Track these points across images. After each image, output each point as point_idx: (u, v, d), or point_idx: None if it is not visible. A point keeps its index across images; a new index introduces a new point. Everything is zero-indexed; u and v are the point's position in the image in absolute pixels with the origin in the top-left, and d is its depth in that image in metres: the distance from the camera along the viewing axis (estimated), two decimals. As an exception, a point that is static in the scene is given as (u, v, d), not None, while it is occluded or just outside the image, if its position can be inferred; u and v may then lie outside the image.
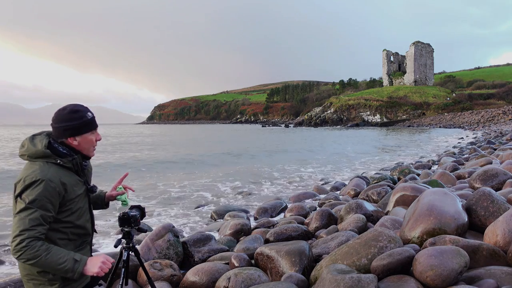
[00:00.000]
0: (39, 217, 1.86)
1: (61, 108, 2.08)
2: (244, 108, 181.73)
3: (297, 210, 6.79)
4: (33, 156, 1.97)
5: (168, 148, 28.96)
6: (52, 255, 1.86)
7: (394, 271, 2.78)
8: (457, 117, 68.15)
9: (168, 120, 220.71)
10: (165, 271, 3.74)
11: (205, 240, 4.61)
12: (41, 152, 1.97)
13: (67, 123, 2.03)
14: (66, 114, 2.04)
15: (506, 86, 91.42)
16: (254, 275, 3.38)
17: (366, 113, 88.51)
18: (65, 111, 2.05)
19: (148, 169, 15.92)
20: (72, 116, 2.04)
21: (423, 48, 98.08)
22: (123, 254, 2.49)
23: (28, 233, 1.82)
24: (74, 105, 2.11)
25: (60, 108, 2.08)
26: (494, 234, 3.05)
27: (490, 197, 3.57)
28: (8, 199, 8.86)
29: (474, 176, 5.90)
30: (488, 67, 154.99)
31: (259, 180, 12.68)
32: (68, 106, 2.08)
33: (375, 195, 6.92)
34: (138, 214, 2.46)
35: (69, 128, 2.03)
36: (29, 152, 1.97)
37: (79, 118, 2.06)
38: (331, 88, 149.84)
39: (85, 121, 2.07)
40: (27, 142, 2.02)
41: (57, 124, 2.03)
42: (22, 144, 2.04)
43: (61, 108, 2.08)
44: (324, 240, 4.22)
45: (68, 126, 2.03)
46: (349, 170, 15.28)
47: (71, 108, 2.06)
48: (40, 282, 1.99)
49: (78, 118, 2.05)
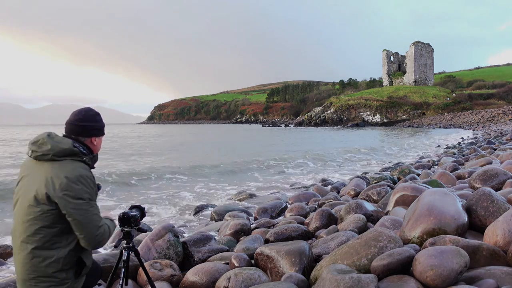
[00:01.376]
0: (96, 206, 2.10)
1: (85, 109, 2.23)
2: (244, 108, 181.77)
3: (297, 210, 6.79)
4: (60, 154, 2.02)
5: (205, 153, 24.21)
6: (110, 227, 2.18)
7: (394, 271, 2.78)
8: (457, 117, 68.15)
9: (168, 120, 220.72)
10: (165, 271, 3.74)
11: (205, 240, 4.61)
12: (70, 150, 2.04)
13: (95, 123, 2.21)
14: (93, 115, 2.22)
15: (506, 86, 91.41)
16: (254, 275, 3.38)
17: (366, 113, 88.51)
18: (91, 112, 2.23)
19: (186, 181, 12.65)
20: (98, 118, 2.25)
21: (423, 48, 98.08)
22: (123, 254, 2.49)
23: (102, 221, 2.08)
24: (92, 108, 2.29)
25: (82, 109, 2.22)
26: (494, 234, 3.05)
27: (490, 197, 3.57)
28: (6, 203, 8.85)
29: (474, 176, 5.90)
30: (488, 67, 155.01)
31: (259, 180, 12.68)
32: (90, 109, 2.25)
33: (375, 195, 6.92)
34: (138, 214, 2.47)
35: (96, 128, 2.21)
36: (55, 151, 2.01)
37: (101, 121, 2.27)
38: (331, 88, 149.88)
39: (104, 124, 2.30)
40: (48, 140, 2.04)
41: (84, 123, 2.16)
42: (40, 143, 2.05)
43: (84, 109, 2.23)
44: (324, 240, 4.22)
45: (96, 126, 2.21)
46: (349, 170, 15.29)
47: (94, 110, 2.26)
48: (51, 283, 1.99)
49: (101, 120, 2.27)
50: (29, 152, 2.08)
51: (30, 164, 2.11)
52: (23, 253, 1.97)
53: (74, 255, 2.06)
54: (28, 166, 2.11)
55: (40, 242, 1.96)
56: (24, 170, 2.13)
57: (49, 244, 1.98)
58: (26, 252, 1.96)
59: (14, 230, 2.06)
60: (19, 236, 2.01)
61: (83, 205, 1.98)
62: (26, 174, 2.10)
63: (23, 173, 2.13)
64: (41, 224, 1.96)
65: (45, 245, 1.98)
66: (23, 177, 2.11)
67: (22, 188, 2.07)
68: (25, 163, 2.17)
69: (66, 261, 2.02)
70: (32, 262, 1.96)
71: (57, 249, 1.99)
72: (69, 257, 2.04)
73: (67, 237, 2.02)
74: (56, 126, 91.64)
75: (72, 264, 2.07)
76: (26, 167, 2.12)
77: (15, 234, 2.05)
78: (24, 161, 2.19)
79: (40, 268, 1.97)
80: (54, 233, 1.98)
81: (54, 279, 1.99)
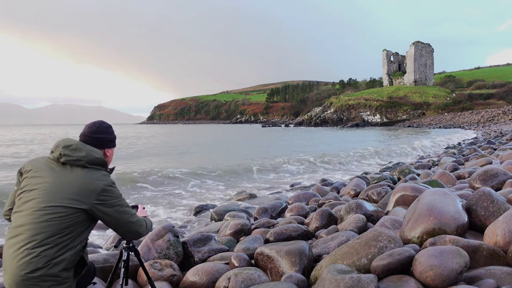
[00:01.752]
0: (129, 206, 2.28)
1: (98, 122, 2.36)
2: (244, 108, 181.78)
3: (297, 210, 6.79)
4: (92, 162, 2.15)
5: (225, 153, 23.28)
6: (146, 220, 2.38)
7: (394, 271, 2.78)
8: (457, 117, 68.15)
9: (168, 120, 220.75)
10: (165, 271, 3.74)
11: (205, 240, 4.61)
12: (101, 160, 2.20)
13: (108, 135, 2.34)
14: (106, 127, 2.36)
15: (506, 86, 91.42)
16: (254, 275, 3.38)
17: (366, 113, 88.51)
18: (105, 124, 2.37)
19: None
20: (111, 130, 2.39)
21: (423, 48, 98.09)
22: (123, 254, 2.50)
23: (136, 217, 2.27)
24: (105, 121, 2.42)
25: (95, 121, 2.37)
26: (494, 234, 3.05)
27: (490, 197, 3.57)
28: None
29: (474, 176, 5.90)
30: (488, 67, 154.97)
31: (259, 180, 12.68)
32: (103, 122, 2.40)
33: (375, 195, 6.92)
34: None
35: (109, 140, 2.35)
36: (88, 158, 2.14)
37: (114, 133, 2.42)
38: (331, 88, 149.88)
39: (116, 136, 2.44)
40: (83, 147, 2.17)
41: (98, 135, 2.29)
42: (73, 148, 2.15)
43: (98, 122, 2.37)
44: (324, 240, 4.22)
45: (109, 138, 2.35)
46: (349, 170, 15.29)
47: (107, 123, 2.39)
48: (53, 282, 1.99)
49: (113, 133, 2.41)
50: (58, 155, 2.13)
51: (50, 166, 2.13)
52: (29, 251, 1.94)
53: (78, 255, 2.10)
54: (48, 167, 2.13)
55: (55, 243, 1.99)
56: (37, 169, 2.13)
57: (64, 245, 2.01)
58: (35, 251, 1.94)
59: (18, 226, 2.04)
60: (28, 233, 1.98)
61: (121, 207, 2.17)
62: (43, 174, 2.11)
63: (36, 173, 2.12)
64: (64, 225, 2.01)
65: (60, 245, 2.00)
66: (36, 176, 2.11)
67: (41, 187, 2.07)
68: (37, 161, 2.18)
69: (71, 260, 2.05)
70: (38, 260, 1.94)
71: (70, 250, 2.03)
72: (74, 256, 2.07)
73: (80, 239, 2.09)
74: (56, 126, 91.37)
75: (75, 263, 2.09)
76: (41, 167, 2.14)
77: (17, 231, 2.02)
78: (33, 160, 2.20)
79: (45, 267, 1.96)
80: (73, 234, 2.04)
81: (57, 278, 1.99)
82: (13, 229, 2.06)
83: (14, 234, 2.04)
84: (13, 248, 2.00)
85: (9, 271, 1.98)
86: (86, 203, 2.06)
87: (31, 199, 2.07)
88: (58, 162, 2.14)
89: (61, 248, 2.01)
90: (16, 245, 2.00)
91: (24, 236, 1.99)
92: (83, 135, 2.31)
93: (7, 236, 2.09)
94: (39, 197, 2.06)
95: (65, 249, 2.02)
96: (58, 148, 2.16)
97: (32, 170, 2.15)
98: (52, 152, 2.19)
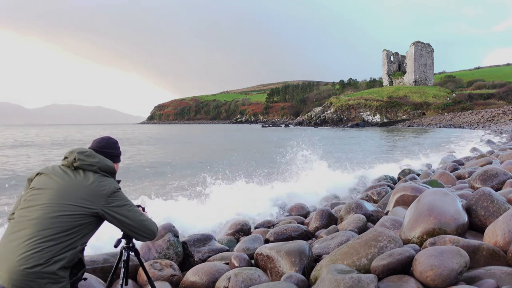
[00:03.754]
0: (136, 207, 2.35)
1: (106, 138, 2.51)
2: (244, 108, 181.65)
3: (297, 210, 6.79)
4: (103, 169, 2.28)
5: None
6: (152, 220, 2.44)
7: (394, 271, 2.78)
8: (457, 117, 68.12)
9: (168, 120, 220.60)
10: (165, 271, 3.74)
11: (205, 240, 4.61)
12: (112, 169, 2.34)
13: (115, 150, 2.49)
14: (113, 142, 2.51)
15: (506, 86, 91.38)
16: (254, 275, 3.38)
17: (366, 113, 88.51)
18: (112, 140, 2.51)
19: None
20: (117, 146, 2.53)
21: (423, 48, 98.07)
22: (123, 254, 2.50)
23: (145, 216, 2.34)
24: (111, 137, 2.56)
25: (103, 137, 2.52)
26: (494, 234, 3.05)
27: (490, 197, 3.57)
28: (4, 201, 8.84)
29: (474, 176, 5.90)
30: (488, 67, 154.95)
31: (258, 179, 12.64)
32: (110, 137, 2.55)
33: (375, 195, 6.92)
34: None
35: (115, 155, 2.48)
36: (101, 165, 2.28)
37: (119, 148, 2.56)
38: (331, 88, 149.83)
39: (121, 152, 2.58)
40: (97, 155, 2.30)
41: (106, 149, 2.42)
42: (87, 154, 2.28)
43: (105, 137, 2.51)
44: (324, 240, 4.22)
45: (115, 153, 2.49)
46: (350, 170, 15.25)
47: (114, 139, 2.53)
48: (50, 280, 1.98)
49: (119, 148, 2.56)
50: (73, 159, 2.24)
51: (63, 170, 2.24)
52: (33, 245, 1.94)
53: (77, 256, 2.12)
54: (61, 171, 2.23)
55: (61, 240, 2.02)
56: (49, 173, 2.22)
57: (67, 244, 2.04)
58: (39, 246, 1.95)
59: (23, 220, 2.04)
60: (34, 227, 1.99)
61: (130, 206, 2.25)
62: (56, 177, 2.19)
63: (47, 176, 2.21)
64: (72, 224, 2.06)
65: (64, 243, 2.03)
66: (49, 178, 2.19)
67: (54, 186, 2.15)
68: (48, 168, 2.28)
69: (70, 259, 2.06)
70: (40, 256, 1.94)
71: (71, 249, 2.06)
72: (73, 256, 2.08)
73: (82, 241, 2.14)
74: (56, 126, 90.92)
75: (73, 264, 2.09)
76: (54, 171, 2.23)
77: (22, 225, 2.02)
78: (44, 168, 2.29)
79: (45, 264, 1.95)
80: (78, 235, 2.09)
81: (54, 276, 1.99)
82: (16, 224, 2.06)
83: (17, 228, 2.04)
84: (14, 242, 1.99)
85: (5, 266, 1.95)
86: (96, 205, 2.15)
87: (43, 194, 2.13)
88: (71, 167, 2.25)
89: (65, 247, 2.03)
90: (18, 240, 1.98)
91: (29, 231, 2.00)
92: (92, 149, 2.42)
93: (6, 231, 2.08)
94: (52, 194, 2.13)
95: (67, 248, 2.04)
96: (73, 153, 2.27)
97: (43, 173, 2.24)
98: (65, 158, 2.30)
